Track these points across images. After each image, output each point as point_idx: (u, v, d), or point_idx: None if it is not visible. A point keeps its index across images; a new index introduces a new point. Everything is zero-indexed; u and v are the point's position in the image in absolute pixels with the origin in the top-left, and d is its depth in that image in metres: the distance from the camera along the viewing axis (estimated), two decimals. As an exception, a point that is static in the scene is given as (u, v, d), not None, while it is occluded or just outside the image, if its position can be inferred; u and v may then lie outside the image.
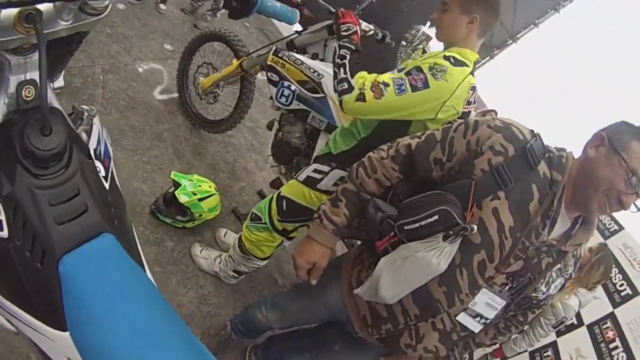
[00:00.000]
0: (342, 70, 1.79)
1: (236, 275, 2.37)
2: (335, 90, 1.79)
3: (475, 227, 1.16)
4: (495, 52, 8.48)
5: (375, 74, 1.73)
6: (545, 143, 1.28)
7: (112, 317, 0.76)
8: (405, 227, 1.20)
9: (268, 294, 2.57)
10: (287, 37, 2.57)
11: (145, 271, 0.88)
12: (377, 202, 1.31)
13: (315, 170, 2.00)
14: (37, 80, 0.81)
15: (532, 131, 1.27)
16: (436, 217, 1.15)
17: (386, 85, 1.66)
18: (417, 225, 1.17)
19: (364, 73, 1.77)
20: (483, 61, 8.50)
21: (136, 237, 0.95)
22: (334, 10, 2.08)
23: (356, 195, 1.42)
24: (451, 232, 1.14)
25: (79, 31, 0.85)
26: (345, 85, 1.74)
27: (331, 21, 2.17)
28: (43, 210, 0.74)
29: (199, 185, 2.52)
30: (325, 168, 1.97)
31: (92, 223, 0.78)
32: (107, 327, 0.74)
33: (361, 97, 1.68)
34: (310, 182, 1.99)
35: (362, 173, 1.41)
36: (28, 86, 0.80)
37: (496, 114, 5.94)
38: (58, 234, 0.74)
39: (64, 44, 0.88)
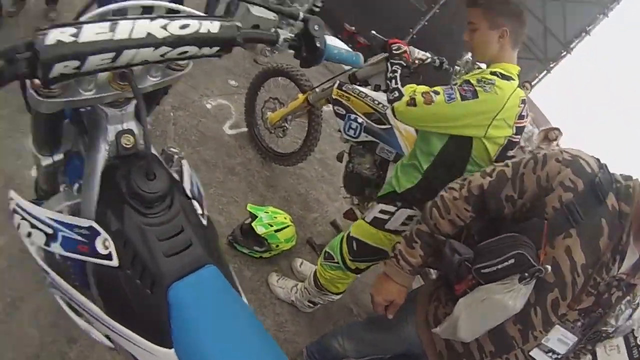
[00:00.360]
0: (393, 82, 1.89)
1: (312, 305, 2.44)
2: (388, 101, 1.86)
3: (549, 268, 1.17)
4: (552, 65, 8.25)
5: (426, 86, 1.80)
6: (611, 169, 1.27)
7: (215, 337, 0.84)
8: (483, 271, 1.23)
9: (343, 323, 2.63)
10: (348, 70, 2.64)
11: (242, 297, 0.97)
12: (454, 244, 1.34)
13: (381, 211, 2.01)
14: (134, 130, 0.93)
15: (598, 161, 1.27)
16: (512, 260, 1.17)
17: (436, 93, 1.72)
18: (494, 269, 1.20)
19: (414, 84, 1.84)
20: (540, 76, 8.30)
21: (230, 267, 1.04)
22: (384, 39, 2.16)
23: (431, 237, 1.46)
24: (526, 274, 1.16)
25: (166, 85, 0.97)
26: (397, 94, 1.82)
27: None
28: (152, 245, 0.84)
29: (275, 217, 2.62)
30: (391, 208, 1.99)
31: (196, 256, 0.88)
32: (210, 346, 0.83)
33: (412, 102, 1.75)
34: (377, 223, 2.01)
35: (436, 214, 1.44)
36: (126, 135, 0.92)
37: (560, 132, 5.83)
38: (167, 265, 0.84)
39: (152, 96, 1.01)
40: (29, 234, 0.89)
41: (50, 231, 0.87)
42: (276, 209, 2.74)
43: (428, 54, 2.33)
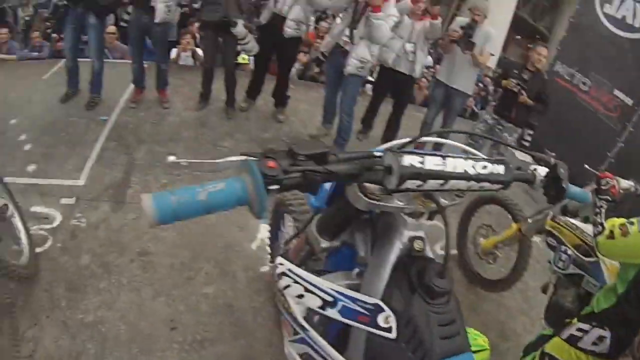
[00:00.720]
0: (598, 217, 1.98)
1: None
2: (593, 235, 1.95)
3: None
4: None
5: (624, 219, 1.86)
6: None
7: None
8: None
9: None
10: (560, 203, 2.67)
11: None
12: None
13: (578, 329, 2.03)
14: (423, 237, 1.13)
15: None
16: None
17: (631, 223, 1.78)
18: None
19: (615, 218, 1.91)
20: None
21: None
22: (595, 172, 2.25)
23: None
24: None
25: None
26: (600, 228, 1.91)
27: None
28: (432, 328, 1.00)
29: (475, 339, 2.66)
30: (587, 327, 2.00)
31: (461, 343, 1.03)
32: None
33: (610, 235, 1.82)
34: (572, 340, 2.03)
35: None
36: (418, 240, 1.11)
37: None
38: (439, 345, 0.99)
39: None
40: (301, 296, 1.10)
41: (329, 299, 1.06)
42: (477, 331, 2.79)
43: (631, 183, 2.33)
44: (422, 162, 0.90)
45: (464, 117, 6.32)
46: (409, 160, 0.90)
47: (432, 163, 0.92)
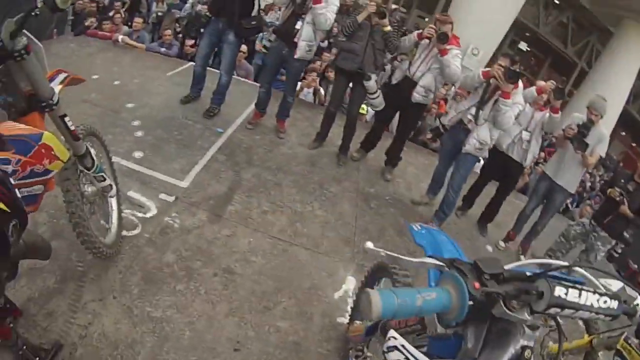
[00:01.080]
0: None
1: None
2: None
3: None
4: None
5: None
6: None
7: None
8: None
9: None
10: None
11: None
12: None
13: None
14: (532, 347, 1.19)
15: None
16: None
17: None
18: None
19: None
20: None
21: None
22: None
23: None
24: None
25: None
26: None
27: None
28: None
29: None
30: None
31: None
32: None
33: None
34: None
35: None
36: (528, 349, 1.19)
37: None
38: None
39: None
40: None
41: None
42: None
43: None
44: (566, 294, 1.03)
45: (558, 212, 6.21)
46: (558, 291, 1.03)
47: (572, 295, 1.04)
